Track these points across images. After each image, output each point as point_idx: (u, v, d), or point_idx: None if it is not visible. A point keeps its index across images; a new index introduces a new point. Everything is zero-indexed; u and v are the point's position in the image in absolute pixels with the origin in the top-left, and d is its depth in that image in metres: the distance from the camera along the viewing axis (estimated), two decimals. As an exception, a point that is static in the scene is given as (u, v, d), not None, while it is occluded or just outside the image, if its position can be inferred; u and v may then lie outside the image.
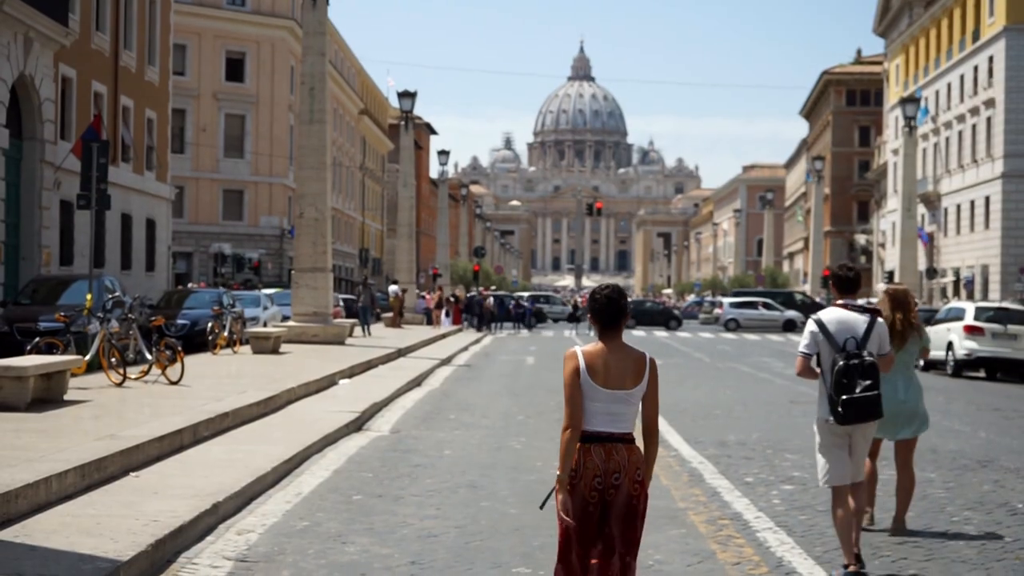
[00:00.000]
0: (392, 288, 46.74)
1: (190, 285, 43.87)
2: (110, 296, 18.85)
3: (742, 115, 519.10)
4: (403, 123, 52.56)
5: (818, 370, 7.47)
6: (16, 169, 29.03)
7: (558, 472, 5.31)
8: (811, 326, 7.53)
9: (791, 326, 57.42)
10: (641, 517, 5.31)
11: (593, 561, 5.24)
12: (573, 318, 56.56)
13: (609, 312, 5.30)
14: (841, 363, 7.29)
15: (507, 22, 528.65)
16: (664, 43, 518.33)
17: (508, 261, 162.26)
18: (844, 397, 7.28)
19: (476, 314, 52.32)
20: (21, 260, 29.04)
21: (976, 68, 57.96)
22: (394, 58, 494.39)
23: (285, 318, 32.54)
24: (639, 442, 5.33)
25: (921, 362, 8.70)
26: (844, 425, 7.38)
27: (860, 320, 7.44)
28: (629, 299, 7.13)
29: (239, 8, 60.79)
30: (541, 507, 5.57)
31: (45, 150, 29.85)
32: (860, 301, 7.63)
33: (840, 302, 7.59)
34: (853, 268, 7.87)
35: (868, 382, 7.29)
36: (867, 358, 7.32)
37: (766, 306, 61.26)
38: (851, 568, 7.25)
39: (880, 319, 7.58)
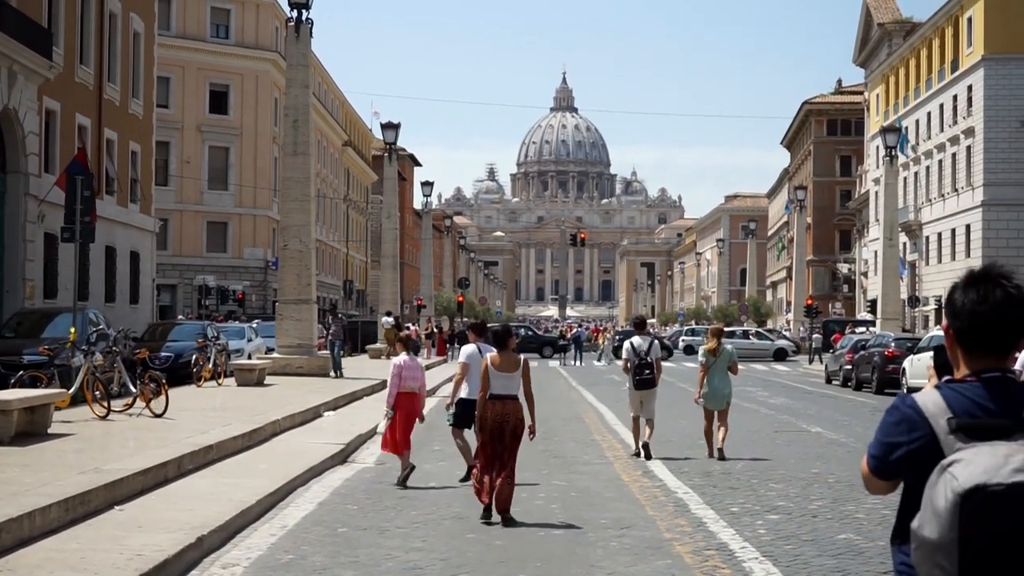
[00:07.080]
0: (385, 319, 45.81)
1: (179, 317, 43.65)
2: (94, 329, 18.85)
3: (724, 145, 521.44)
4: (387, 154, 52.62)
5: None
6: (0, 202, 29.00)
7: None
8: (627, 345, 15.41)
9: (782, 355, 57.46)
10: (519, 439, 10.33)
11: (496, 474, 10.08)
12: (560, 348, 56.40)
13: (499, 338, 10.50)
14: (636, 361, 15.05)
15: (490, 53, 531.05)
16: (646, 74, 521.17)
17: (492, 292, 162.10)
18: (636, 377, 14.98)
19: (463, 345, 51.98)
20: (5, 293, 28.94)
21: (955, 97, 58.42)
22: (377, 90, 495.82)
23: (270, 350, 32.47)
24: (522, 400, 10.41)
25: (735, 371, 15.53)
26: (637, 391, 15.00)
27: (646, 341, 15.31)
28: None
29: (223, 41, 60.85)
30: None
31: (29, 183, 29.81)
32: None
33: (639, 333, 15.64)
34: (642, 317, 18.28)
35: (648, 371, 14.99)
36: (648, 359, 15.04)
37: (757, 335, 61.47)
38: (637, 452, 15.05)
39: (656, 340, 15.87)
